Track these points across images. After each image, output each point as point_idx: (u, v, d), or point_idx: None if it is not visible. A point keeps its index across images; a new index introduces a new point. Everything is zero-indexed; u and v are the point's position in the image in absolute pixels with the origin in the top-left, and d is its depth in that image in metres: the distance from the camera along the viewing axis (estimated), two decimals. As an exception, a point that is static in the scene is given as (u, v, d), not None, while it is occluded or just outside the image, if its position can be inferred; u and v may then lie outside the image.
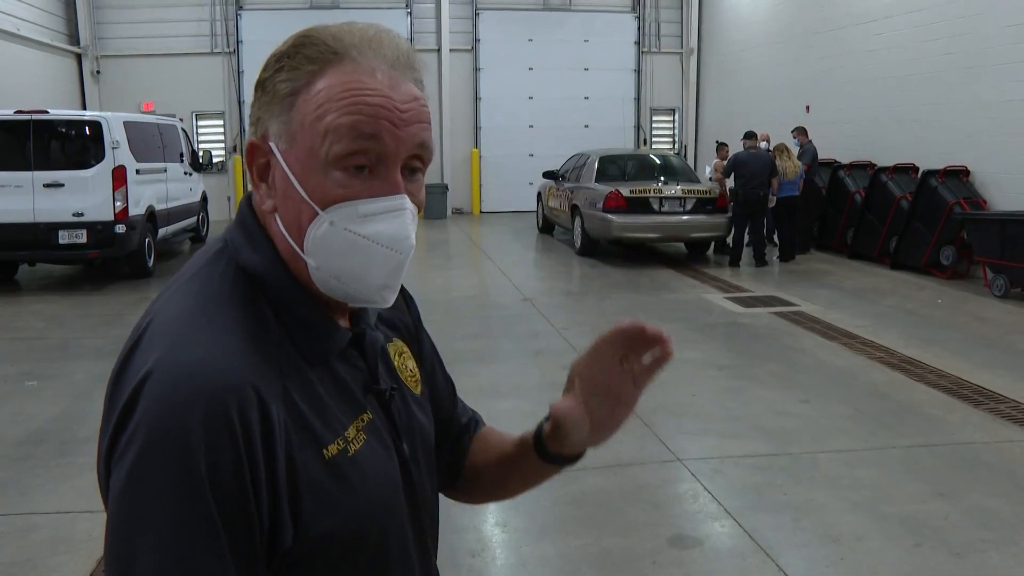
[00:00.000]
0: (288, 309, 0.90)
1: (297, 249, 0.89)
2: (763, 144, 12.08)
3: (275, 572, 0.85)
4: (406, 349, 1.11)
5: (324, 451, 0.87)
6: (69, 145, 9.93)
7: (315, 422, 0.87)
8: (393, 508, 0.96)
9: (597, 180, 12.28)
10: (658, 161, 13.28)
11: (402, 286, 1.15)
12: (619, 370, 1.00)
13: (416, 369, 1.11)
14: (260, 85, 0.91)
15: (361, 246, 0.87)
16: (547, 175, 14.43)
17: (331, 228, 0.87)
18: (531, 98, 18.69)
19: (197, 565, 0.77)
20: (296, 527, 0.84)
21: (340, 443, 0.89)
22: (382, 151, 0.86)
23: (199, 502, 0.77)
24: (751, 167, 11.21)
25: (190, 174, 12.90)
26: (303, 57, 0.88)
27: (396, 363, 1.07)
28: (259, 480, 0.80)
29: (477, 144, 18.71)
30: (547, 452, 1.07)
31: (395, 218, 0.88)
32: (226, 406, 0.79)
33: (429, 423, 1.10)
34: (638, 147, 18.43)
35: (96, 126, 9.65)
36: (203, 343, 0.82)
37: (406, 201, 0.88)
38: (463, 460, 1.21)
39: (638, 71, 19.16)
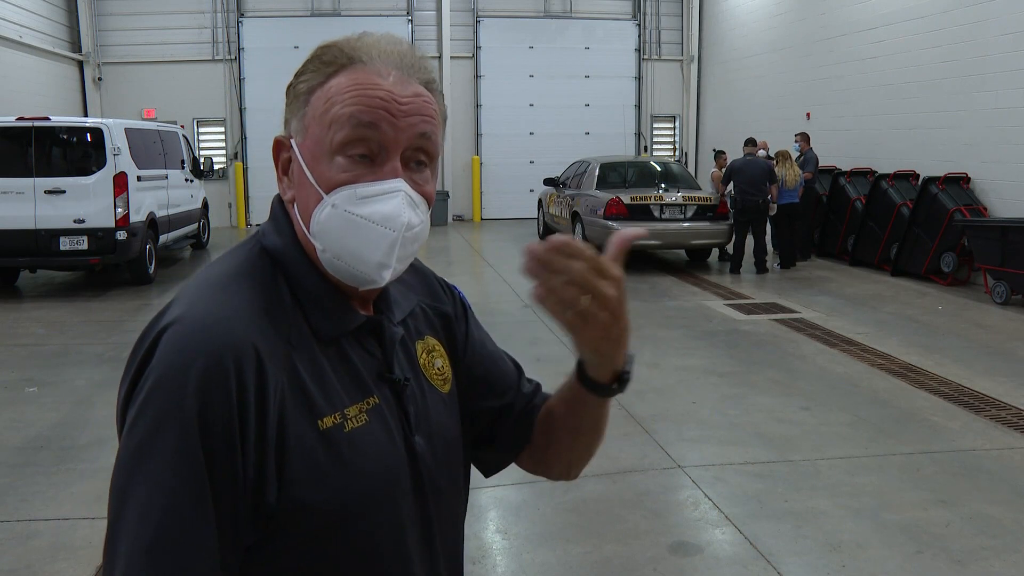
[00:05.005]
0: (303, 287, 0.98)
1: (307, 233, 0.97)
2: (761, 152, 12.10)
3: (259, 537, 0.89)
4: (437, 347, 1.13)
5: (319, 421, 0.92)
6: (70, 152, 9.94)
7: (315, 393, 0.93)
8: (390, 498, 0.97)
9: (598, 187, 12.31)
10: (659, 168, 13.30)
11: (443, 281, 1.21)
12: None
13: (446, 368, 1.13)
14: (287, 90, 1.01)
15: (359, 225, 0.94)
16: (548, 182, 14.44)
17: (333, 210, 0.94)
18: (532, 105, 18.71)
19: (180, 501, 0.84)
20: (280, 487, 0.89)
21: (337, 417, 0.94)
22: (381, 139, 0.94)
23: (189, 442, 0.84)
24: (746, 174, 11.24)
25: (191, 181, 12.92)
26: (320, 61, 0.98)
27: (422, 360, 1.09)
28: (247, 432, 0.87)
29: (478, 151, 18.72)
30: (585, 376, 1.03)
31: (390, 199, 0.94)
32: (224, 359, 0.86)
33: (453, 423, 1.10)
34: (639, 154, 18.45)
35: (97, 133, 9.66)
36: (215, 305, 0.91)
37: (401, 184, 0.95)
38: (531, 429, 1.18)
39: (639, 78, 19.18)
